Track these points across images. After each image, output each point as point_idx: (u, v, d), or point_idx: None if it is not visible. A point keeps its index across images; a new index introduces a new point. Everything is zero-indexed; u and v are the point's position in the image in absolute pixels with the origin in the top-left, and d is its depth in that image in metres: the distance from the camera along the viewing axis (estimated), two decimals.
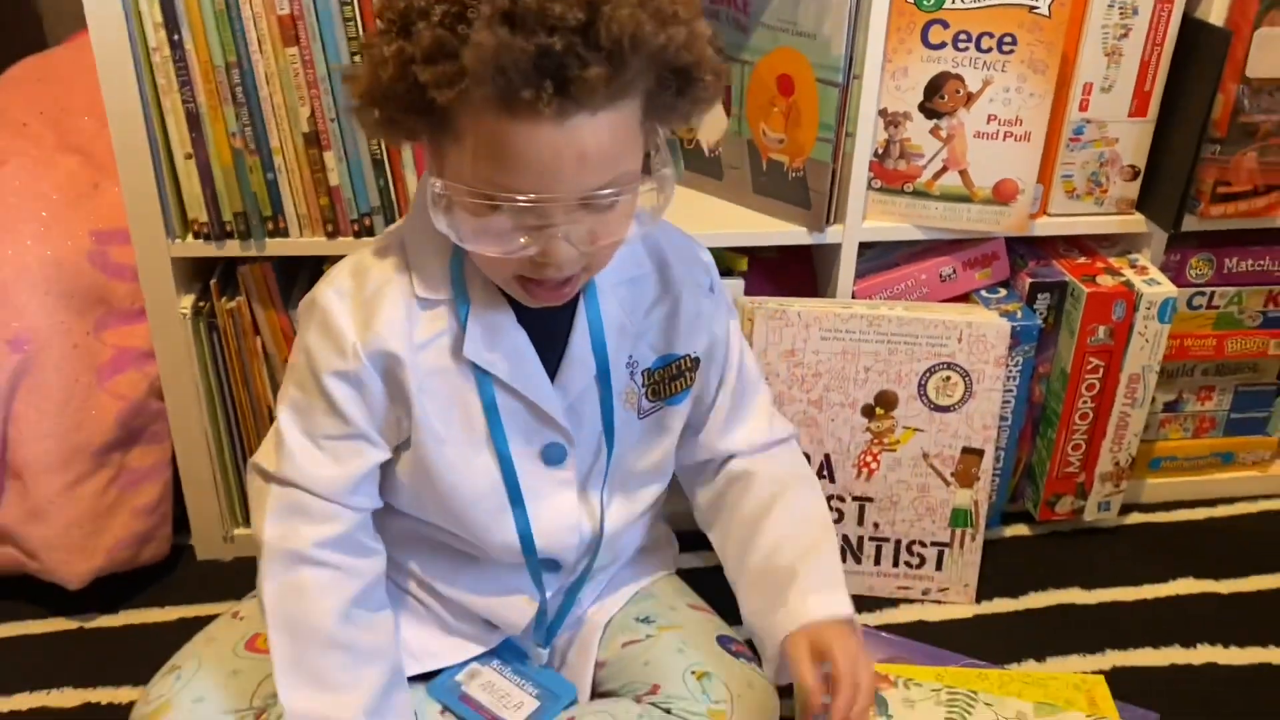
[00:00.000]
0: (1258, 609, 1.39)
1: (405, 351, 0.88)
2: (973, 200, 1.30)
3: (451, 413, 0.92)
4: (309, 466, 0.90)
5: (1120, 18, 1.24)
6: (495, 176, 0.77)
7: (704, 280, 1.01)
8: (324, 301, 0.89)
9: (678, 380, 1.00)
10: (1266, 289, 1.46)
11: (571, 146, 0.75)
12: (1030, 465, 1.49)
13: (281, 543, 0.91)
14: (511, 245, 0.80)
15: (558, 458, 0.97)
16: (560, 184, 0.77)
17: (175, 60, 1.15)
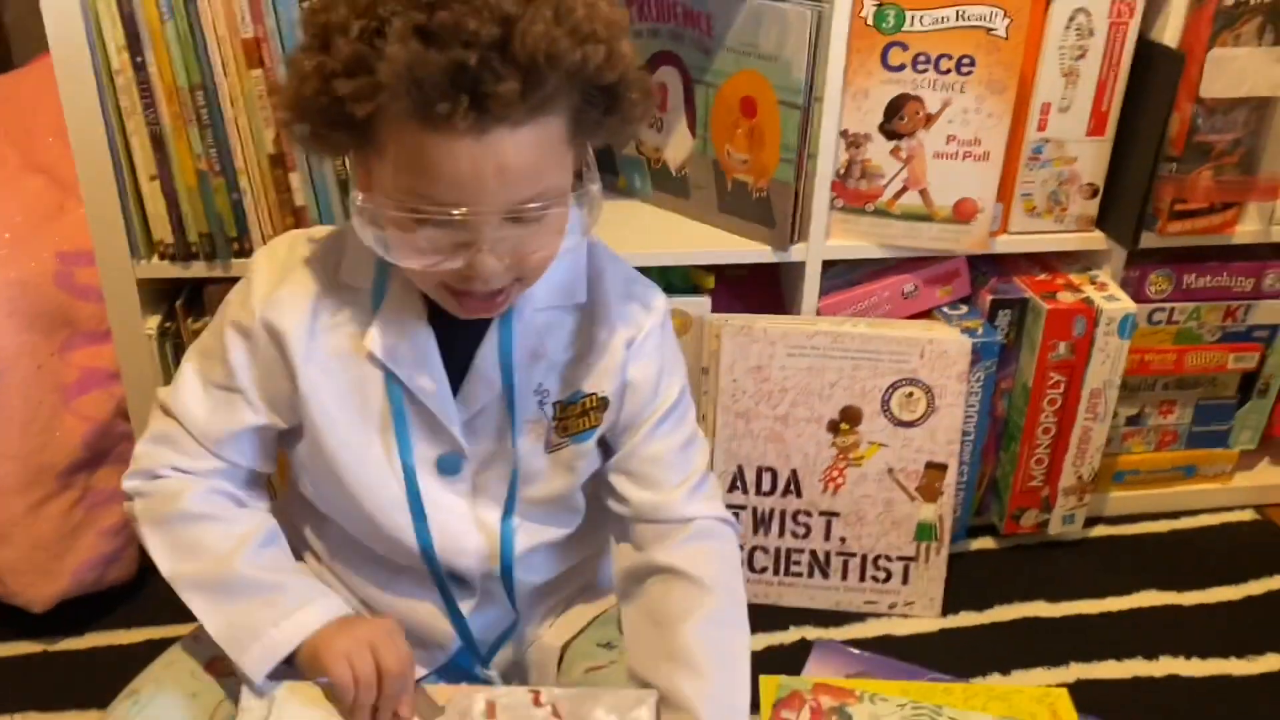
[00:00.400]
0: (1219, 621, 1.41)
1: (296, 329, 0.89)
2: (933, 219, 1.31)
3: (349, 399, 0.92)
4: (190, 403, 0.92)
5: (1077, 39, 1.27)
6: (417, 189, 0.77)
7: (635, 324, 0.95)
8: (257, 257, 0.93)
9: (584, 418, 0.96)
10: (1224, 304, 1.48)
11: (491, 160, 0.75)
12: (995, 479, 1.51)
13: (139, 460, 0.94)
14: (435, 259, 0.80)
15: (452, 469, 0.95)
16: (482, 197, 0.77)
17: (139, 82, 1.15)
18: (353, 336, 0.91)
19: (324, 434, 0.92)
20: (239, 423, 0.92)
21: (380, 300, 0.90)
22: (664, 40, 1.33)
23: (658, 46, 1.34)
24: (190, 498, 0.92)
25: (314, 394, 0.91)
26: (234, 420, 0.92)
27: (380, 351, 0.90)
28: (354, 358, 0.91)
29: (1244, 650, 1.36)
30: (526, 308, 0.92)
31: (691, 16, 1.29)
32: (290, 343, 0.89)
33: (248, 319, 0.90)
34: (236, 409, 0.92)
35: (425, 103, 0.73)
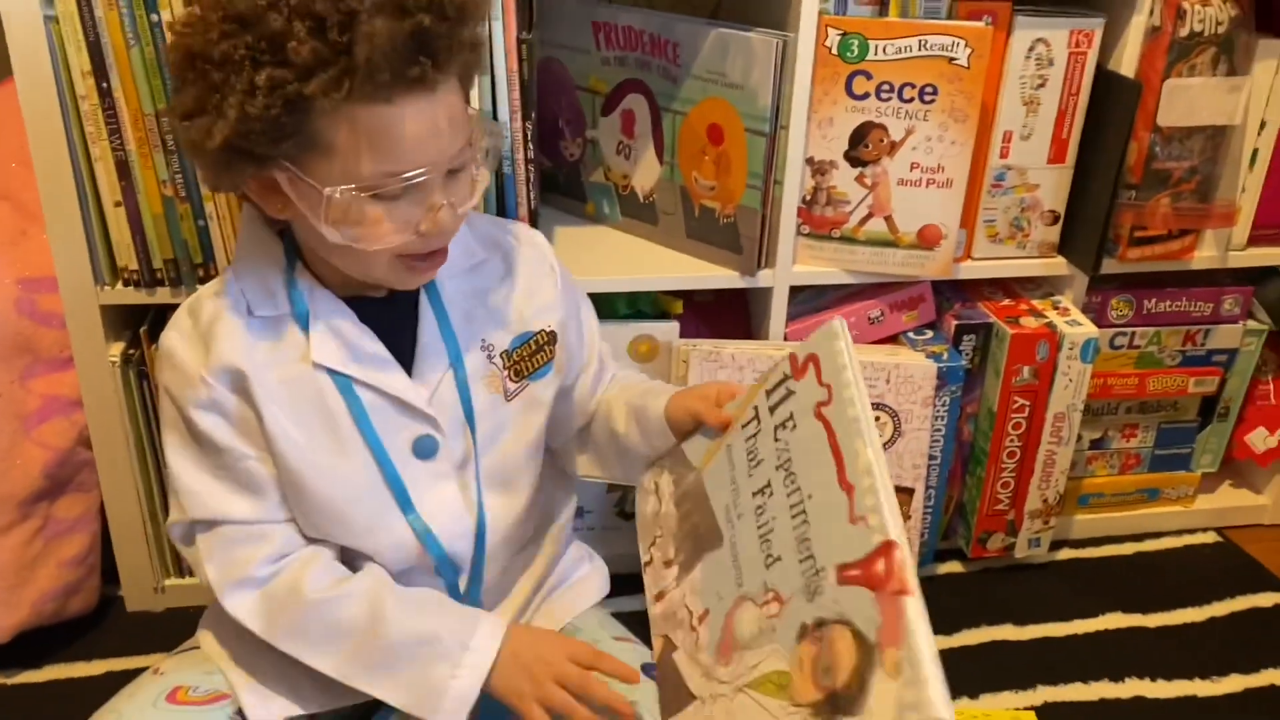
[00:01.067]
0: (1183, 642, 1.42)
1: (248, 366, 0.91)
2: (898, 245, 1.33)
3: (311, 420, 0.93)
4: (217, 499, 0.93)
5: (1037, 68, 1.29)
6: (381, 166, 0.82)
7: (547, 258, 1.05)
8: (167, 344, 0.93)
9: (538, 355, 1.03)
10: (1184, 329, 1.51)
11: (440, 113, 0.83)
12: (961, 503, 1.52)
13: (227, 578, 0.93)
14: (407, 228, 0.86)
15: (430, 450, 0.97)
16: (439, 151, 0.84)
17: (104, 108, 1.15)
18: (292, 360, 0.93)
19: (294, 463, 0.93)
20: (267, 480, 0.93)
21: (305, 317, 0.93)
22: (631, 68, 1.34)
23: (625, 74, 1.35)
24: (309, 586, 0.92)
25: (277, 427, 0.92)
26: (262, 482, 0.93)
27: (328, 360, 0.93)
28: (301, 379, 0.93)
29: (1208, 672, 1.37)
30: (442, 276, 0.97)
31: (658, 45, 1.30)
32: (248, 380, 0.91)
33: (203, 391, 0.91)
34: (254, 473, 0.93)
35: (395, 73, 0.79)
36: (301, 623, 0.92)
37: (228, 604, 0.93)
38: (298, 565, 0.94)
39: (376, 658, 0.91)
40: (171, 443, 0.94)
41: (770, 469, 0.84)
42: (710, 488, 0.91)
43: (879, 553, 0.70)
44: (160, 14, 1.11)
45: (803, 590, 0.75)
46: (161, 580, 1.41)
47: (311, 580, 0.93)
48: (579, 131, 1.43)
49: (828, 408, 0.80)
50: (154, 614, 1.42)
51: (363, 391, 0.94)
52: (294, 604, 0.92)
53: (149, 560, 1.39)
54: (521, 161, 1.22)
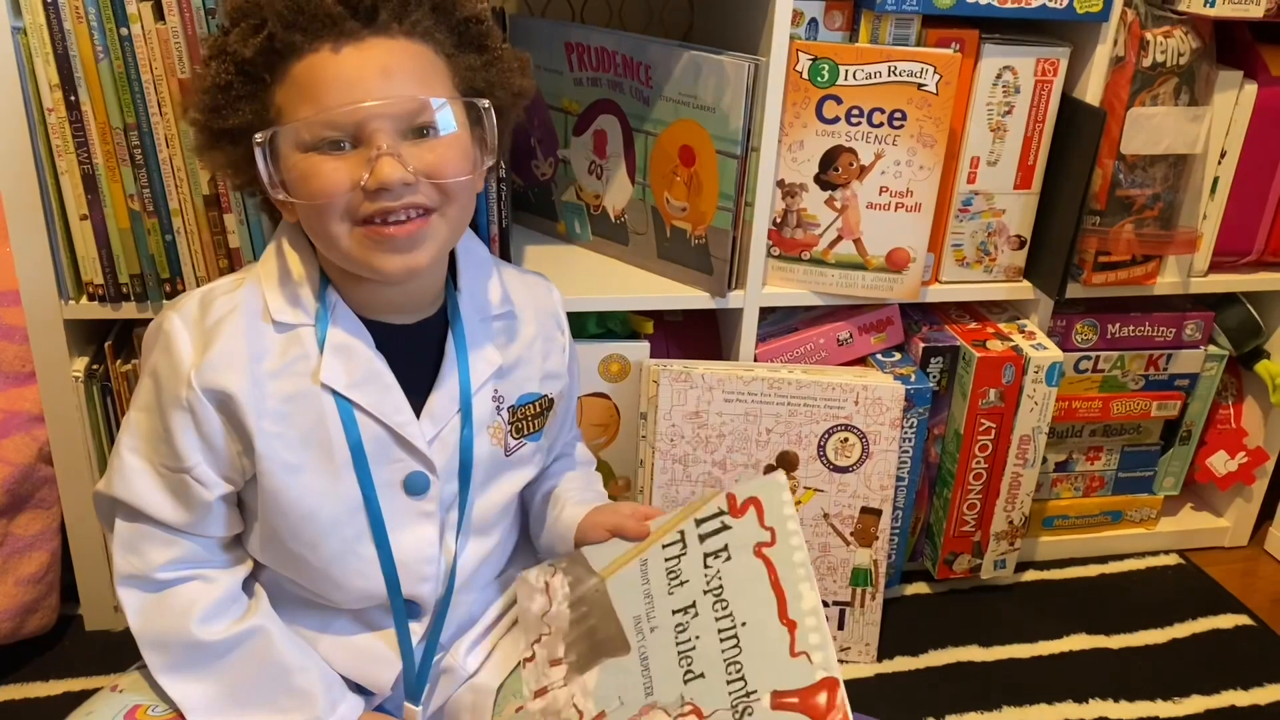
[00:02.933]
0: (1146, 663, 1.44)
1: (244, 384, 0.88)
2: (867, 268, 1.34)
3: (309, 439, 0.91)
4: (146, 491, 0.90)
5: (1004, 95, 1.31)
6: (315, 114, 0.83)
7: (561, 323, 1.06)
8: (166, 325, 0.89)
9: (538, 419, 1.03)
10: (1147, 353, 1.53)
11: (373, 61, 0.84)
12: (928, 524, 1.53)
13: (127, 567, 0.92)
14: (345, 178, 0.84)
15: (420, 488, 0.95)
16: (368, 92, 0.83)
17: (71, 121, 1.14)
18: (301, 375, 0.90)
19: (281, 485, 0.91)
20: (202, 499, 0.91)
21: (324, 333, 0.90)
22: (604, 89, 1.35)
23: (598, 95, 1.36)
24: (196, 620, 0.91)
25: (270, 449, 0.89)
26: (197, 499, 0.91)
27: (336, 382, 0.90)
28: (306, 396, 0.90)
29: (1170, 692, 1.38)
30: (472, 319, 0.97)
31: (631, 66, 1.31)
32: (238, 403, 0.87)
33: (185, 392, 0.87)
34: (192, 490, 0.90)
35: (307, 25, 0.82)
36: (173, 644, 0.91)
37: (119, 592, 0.92)
38: (201, 587, 0.92)
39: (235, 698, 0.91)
40: (134, 419, 0.91)
41: (696, 591, 0.91)
42: (616, 595, 0.96)
43: (821, 686, 0.80)
44: (130, 27, 1.10)
45: (730, 708, 0.83)
46: None
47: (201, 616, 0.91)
48: (551, 151, 1.44)
49: (770, 549, 0.90)
50: (113, 633, 1.39)
51: (363, 417, 0.92)
52: (176, 625, 0.91)
53: (109, 579, 1.37)
54: (494, 180, 1.22)
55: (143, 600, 0.92)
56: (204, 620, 0.91)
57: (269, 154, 0.86)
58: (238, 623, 0.93)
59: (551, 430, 1.07)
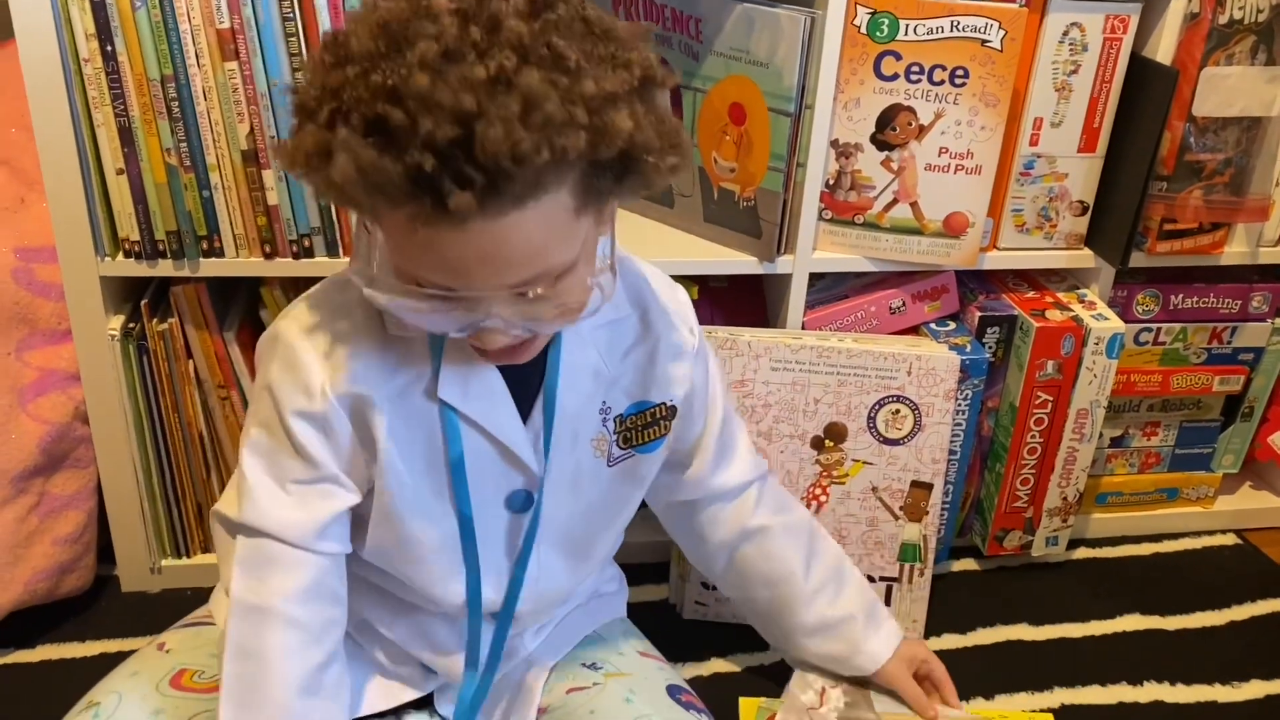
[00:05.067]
0: (1203, 646, 1.39)
1: (378, 393, 0.85)
2: (923, 233, 1.29)
3: (419, 451, 0.88)
4: (275, 511, 0.86)
5: (1070, 54, 1.25)
6: (409, 267, 0.74)
7: (688, 325, 0.98)
8: (288, 338, 0.85)
9: (651, 428, 0.97)
10: (1211, 326, 1.47)
11: (473, 248, 0.71)
12: (978, 500, 1.48)
13: (249, 596, 0.87)
14: (445, 328, 0.78)
15: (522, 504, 0.93)
16: (471, 282, 0.73)
17: (108, 72, 1.11)
18: (416, 387, 0.87)
19: (393, 496, 0.89)
20: (333, 510, 0.88)
21: (440, 344, 0.86)
22: (651, 44, 1.30)
23: None
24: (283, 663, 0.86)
25: (391, 458, 0.87)
26: (328, 509, 0.87)
27: (454, 397, 0.87)
28: (420, 409, 0.87)
29: (1229, 677, 1.34)
30: (584, 327, 0.88)
31: (680, 20, 1.26)
32: (372, 410, 0.85)
33: (318, 405, 0.84)
34: (329, 497, 0.87)
35: (387, 203, 0.69)
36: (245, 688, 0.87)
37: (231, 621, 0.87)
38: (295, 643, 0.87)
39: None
40: (254, 438, 0.87)
41: None
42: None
43: None
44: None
45: None
46: (158, 561, 1.37)
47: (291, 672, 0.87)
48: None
49: None
50: (150, 595, 1.38)
51: (472, 434, 0.89)
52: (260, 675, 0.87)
53: (146, 540, 1.35)
54: None
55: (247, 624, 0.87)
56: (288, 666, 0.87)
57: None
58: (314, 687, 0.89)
59: (680, 438, 1.00)
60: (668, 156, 0.74)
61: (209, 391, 1.29)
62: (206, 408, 1.30)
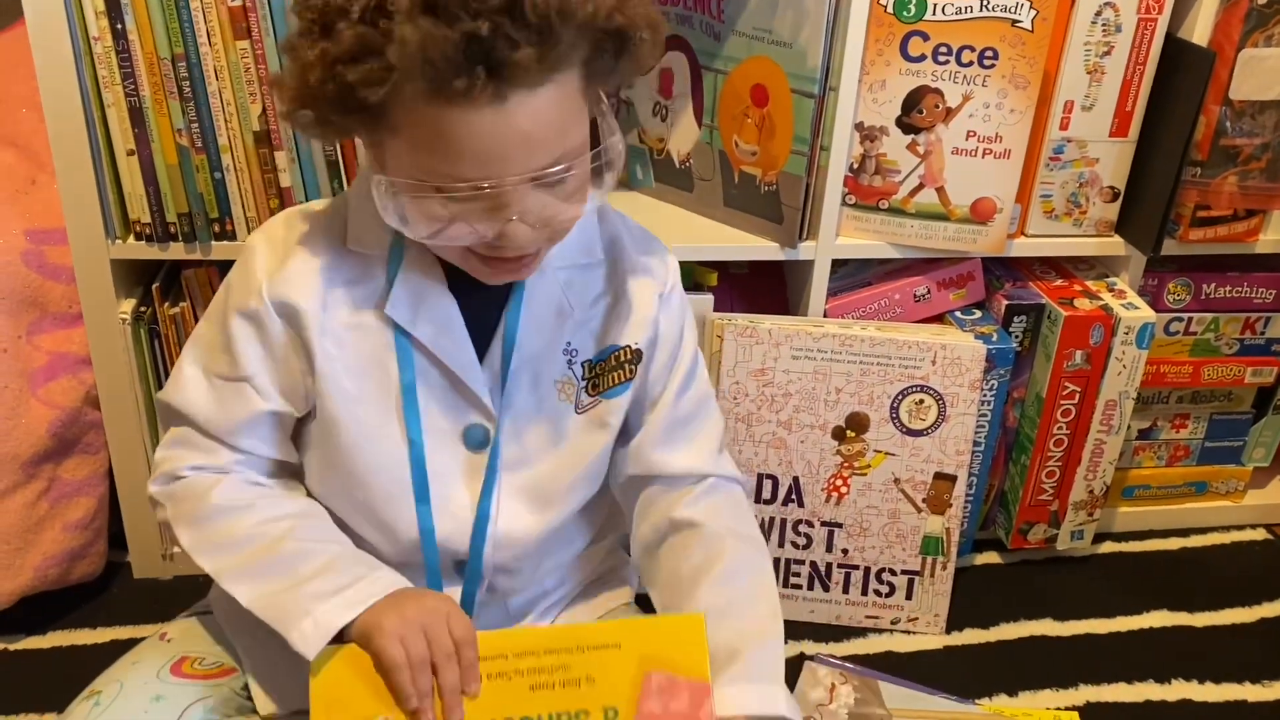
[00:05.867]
0: (1232, 644, 1.36)
1: (312, 301, 0.86)
2: (949, 219, 1.26)
3: (367, 372, 0.88)
4: (194, 398, 0.89)
5: (1104, 35, 1.22)
6: (439, 167, 0.75)
7: (660, 278, 0.96)
8: (251, 242, 0.89)
9: (617, 372, 0.95)
10: (1244, 316, 1.43)
11: (513, 129, 0.73)
12: (1003, 492, 1.45)
13: (159, 466, 0.92)
14: (466, 232, 0.78)
15: (479, 442, 0.91)
16: (508, 167, 0.75)
17: (118, 51, 1.09)
18: (367, 305, 0.88)
19: (337, 412, 0.88)
20: (250, 410, 0.89)
21: (397, 265, 0.87)
22: (671, 24, 1.28)
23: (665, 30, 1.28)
24: (217, 492, 0.89)
25: (329, 370, 0.87)
26: (245, 409, 0.89)
27: (401, 316, 0.87)
28: (370, 327, 0.88)
29: (1259, 675, 1.31)
30: (547, 267, 0.90)
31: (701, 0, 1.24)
32: (305, 318, 0.86)
33: (254, 303, 0.86)
34: (245, 397, 0.88)
35: (441, 80, 0.70)
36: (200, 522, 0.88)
37: (150, 488, 0.92)
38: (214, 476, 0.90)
39: (260, 566, 0.85)
40: (200, 329, 0.91)
41: None
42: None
43: None
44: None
45: None
46: (170, 547, 1.36)
47: (223, 489, 0.89)
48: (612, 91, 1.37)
49: None
50: (161, 581, 1.37)
51: (423, 359, 0.89)
52: (199, 504, 0.89)
53: (157, 526, 1.34)
54: None
55: (169, 490, 0.91)
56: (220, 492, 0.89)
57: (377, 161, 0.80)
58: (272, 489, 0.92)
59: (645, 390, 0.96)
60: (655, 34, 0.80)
61: None
62: None
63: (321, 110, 0.75)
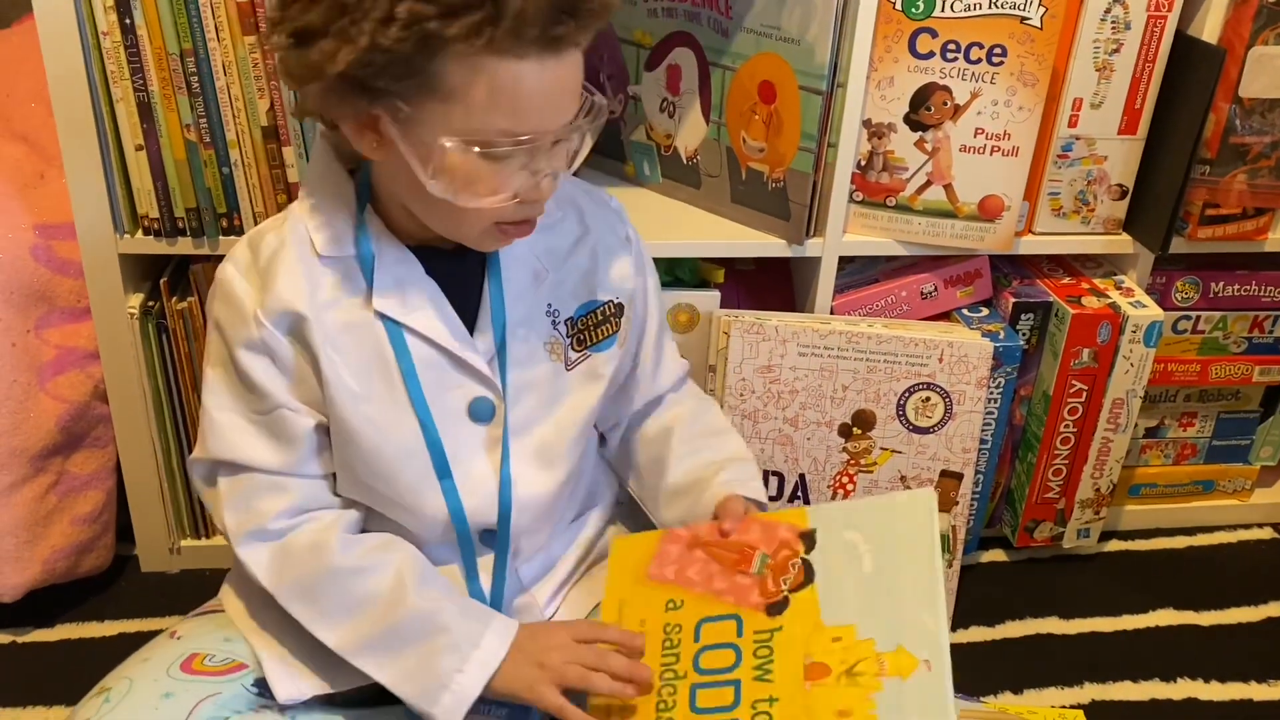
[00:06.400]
0: (1239, 643, 1.36)
1: (308, 309, 0.87)
2: (957, 216, 1.26)
3: (369, 370, 0.90)
4: (245, 441, 0.89)
5: (1113, 32, 1.21)
6: (497, 122, 0.78)
7: (619, 228, 1.01)
8: (222, 275, 0.89)
9: (603, 326, 0.99)
10: (1252, 314, 1.43)
11: (565, 80, 0.80)
12: (1009, 490, 1.45)
13: (244, 527, 0.90)
14: (508, 191, 0.82)
15: (486, 414, 0.94)
16: (558, 118, 0.81)
17: (126, 46, 1.09)
18: (354, 305, 0.89)
19: (349, 414, 0.89)
20: (299, 432, 0.90)
21: (370, 262, 0.89)
22: (680, 20, 1.27)
23: (673, 27, 1.28)
24: (336, 550, 0.89)
25: (334, 375, 0.88)
26: (294, 433, 0.90)
27: (389, 309, 0.89)
28: (361, 326, 0.89)
29: (1265, 674, 1.31)
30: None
31: None
32: (305, 326, 0.87)
33: (254, 331, 0.87)
34: (288, 423, 0.89)
35: (537, 28, 0.75)
36: (316, 586, 0.89)
37: (241, 552, 0.90)
38: (322, 526, 0.91)
39: (385, 639, 0.88)
40: (212, 378, 0.90)
41: None
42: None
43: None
44: None
45: None
46: (178, 541, 1.37)
47: (339, 545, 0.90)
48: (620, 87, 1.37)
49: None
50: (169, 575, 1.38)
51: (419, 345, 0.90)
52: (313, 564, 0.89)
53: (165, 520, 1.35)
54: None
55: (269, 553, 0.90)
56: (343, 549, 0.90)
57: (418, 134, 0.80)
58: (376, 548, 0.91)
59: (629, 346, 1.01)
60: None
61: None
62: None
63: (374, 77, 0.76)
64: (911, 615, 0.85)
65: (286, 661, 0.93)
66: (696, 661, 0.89)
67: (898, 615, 0.86)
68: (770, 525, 0.94)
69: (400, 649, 0.87)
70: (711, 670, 0.87)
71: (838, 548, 0.90)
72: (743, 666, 0.87)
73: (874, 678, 0.83)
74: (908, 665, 0.83)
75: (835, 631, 0.86)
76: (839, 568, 0.89)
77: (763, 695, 0.85)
